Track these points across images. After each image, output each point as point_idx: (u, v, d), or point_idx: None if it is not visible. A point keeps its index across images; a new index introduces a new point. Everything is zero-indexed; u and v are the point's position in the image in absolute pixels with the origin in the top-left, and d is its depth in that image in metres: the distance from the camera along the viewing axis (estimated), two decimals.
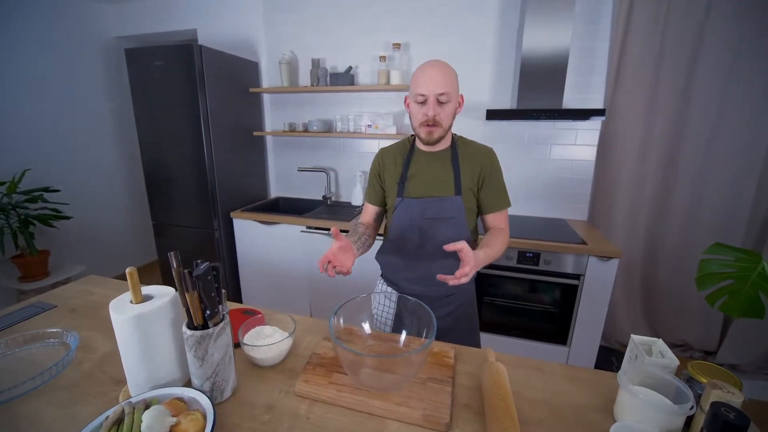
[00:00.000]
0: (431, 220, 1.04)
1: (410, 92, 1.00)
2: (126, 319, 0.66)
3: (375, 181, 1.14)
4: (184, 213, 2.28)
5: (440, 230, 1.04)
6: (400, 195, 1.07)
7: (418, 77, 0.96)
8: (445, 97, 0.94)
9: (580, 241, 1.80)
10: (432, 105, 0.95)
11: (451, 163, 1.05)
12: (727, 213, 2.00)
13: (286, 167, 2.73)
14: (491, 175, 1.06)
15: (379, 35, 2.25)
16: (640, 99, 1.96)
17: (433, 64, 0.96)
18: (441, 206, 1.03)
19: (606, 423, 0.68)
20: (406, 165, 1.08)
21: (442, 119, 0.97)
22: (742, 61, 1.79)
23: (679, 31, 1.83)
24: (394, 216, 1.08)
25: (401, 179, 1.07)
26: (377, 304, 1.11)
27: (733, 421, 0.53)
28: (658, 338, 0.78)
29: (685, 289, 2.14)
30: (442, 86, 0.93)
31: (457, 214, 1.04)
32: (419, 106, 0.97)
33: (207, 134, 2.08)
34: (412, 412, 0.68)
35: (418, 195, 1.05)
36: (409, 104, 1.02)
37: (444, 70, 0.95)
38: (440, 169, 1.05)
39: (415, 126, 1.01)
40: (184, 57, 1.95)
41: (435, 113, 0.95)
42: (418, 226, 1.05)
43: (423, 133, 1.00)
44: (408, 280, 1.11)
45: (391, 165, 1.10)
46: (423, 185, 1.06)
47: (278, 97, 2.57)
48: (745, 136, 1.88)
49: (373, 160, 1.16)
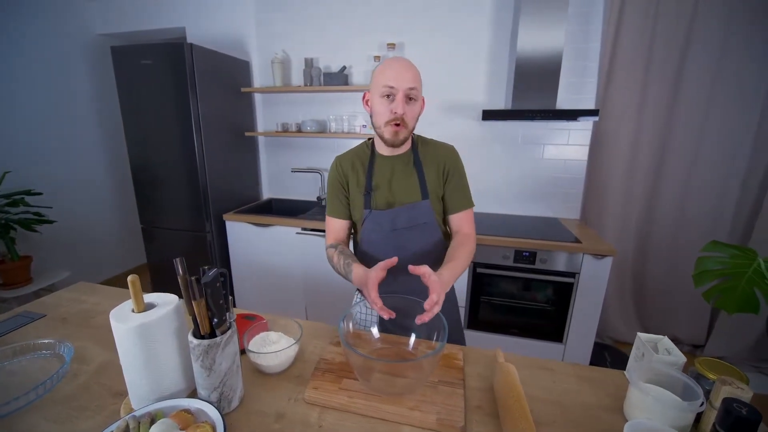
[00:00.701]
0: (404, 229, 0.98)
1: (374, 86, 0.91)
2: (128, 329, 0.63)
3: (339, 194, 1.03)
4: (175, 216, 2.22)
5: (413, 238, 0.99)
6: (367, 207, 0.99)
7: (385, 69, 0.89)
8: (414, 93, 0.88)
9: (575, 240, 1.83)
10: (401, 101, 0.87)
11: (413, 166, 0.99)
12: (713, 211, 2.06)
13: (279, 168, 2.69)
14: (453, 174, 1.00)
15: (373, 35, 2.24)
16: (630, 100, 2.00)
17: (400, 59, 0.90)
18: (411, 214, 0.98)
19: (617, 422, 0.69)
20: (369, 173, 1.00)
21: (409, 119, 0.91)
22: (727, 63, 1.85)
23: (668, 33, 1.88)
24: (363, 229, 1.01)
25: (366, 190, 0.99)
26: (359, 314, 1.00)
27: (745, 416, 0.54)
28: (663, 336, 0.79)
29: (673, 285, 2.20)
30: (412, 81, 0.87)
31: (428, 219, 0.99)
32: (386, 102, 0.89)
33: (198, 135, 2.03)
34: (426, 417, 0.67)
35: (386, 205, 0.99)
36: (372, 101, 0.93)
37: (412, 67, 0.89)
38: (404, 174, 0.99)
39: (380, 125, 0.92)
40: (174, 56, 1.89)
41: (403, 111, 0.88)
42: (390, 237, 0.98)
43: (388, 133, 0.92)
44: (387, 293, 1.01)
45: (352, 174, 1.01)
46: (389, 194, 0.99)
47: (270, 96, 2.53)
48: (731, 137, 1.94)
49: (331, 169, 1.05)
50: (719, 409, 0.58)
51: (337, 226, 1.04)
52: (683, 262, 2.15)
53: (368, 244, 1.02)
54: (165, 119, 2.03)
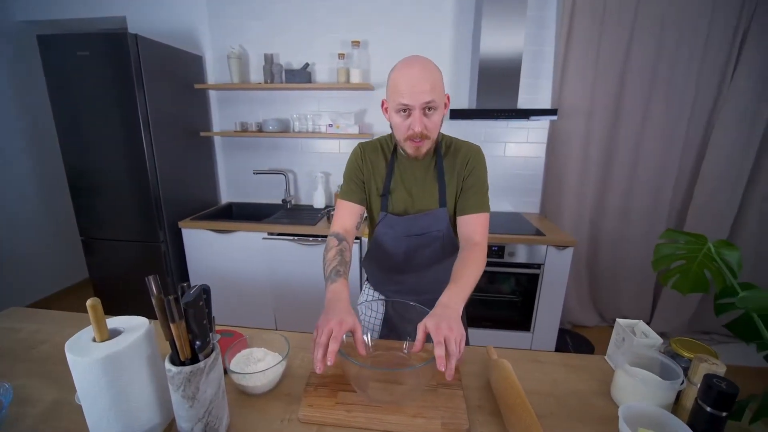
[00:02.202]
0: (415, 236, 0.97)
1: (389, 97, 0.85)
2: (91, 363, 0.54)
3: (357, 179, 0.98)
4: (122, 225, 2.00)
5: (426, 244, 0.98)
6: (383, 209, 0.97)
7: (398, 82, 0.81)
8: (433, 104, 0.81)
9: (539, 233, 1.93)
10: (419, 119, 0.81)
11: (435, 170, 0.95)
12: (652, 203, 2.27)
13: (238, 170, 2.53)
14: (473, 173, 0.94)
15: (336, 32, 2.18)
16: (581, 100, 2.14)
17: (415, 64, 0.81)
18: (425, 222, 0.96)
19: (608, 406, 0.72)
20: (389, 173, 0.97)
21: (430, 131, 0.84)
22: (662, 70, 2.05)
23: (612, 39, 2.03)
24: (377, 229, 1.00)
25: (384, 191, 0.96)
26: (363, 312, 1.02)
27: (725, 390, 0.59)
28: (639, 320, 0.85)
29: (621, 271, 2.41)
30: (429, 93, 0.79)
31: (443, 227, 0.96)
32: (402, 118, 0.83)
33: (147, 135, 1.84)
34: (430, 423, 0.65)
35: (401, 210, 0.97)
36: (389, 112, 0.87)
37: (429, 73, 0.80)
38: (424, 179, 0.95)
39: (399, 139, 0.88)
40: (117, 47, 1.70)
41: (422, 127, 0.82)
42: (402, 242, 0.98)
43: (410, 149, 0.87)
44: (395, 292, 1.06)
45: (374, 169, 0.98)
46: (405, 199, 0.96)
47: (227, 94, 2.37)
48: (665, 135, 2.15)
49: (352, 155, 1.00)
50: (701, 385, 0.62)
51: (348, 210, 0.96)
52: (629, 249, 2.36)
53: (380, 246, 1.01)
54: (107, 118, 1.81)
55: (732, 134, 2.05)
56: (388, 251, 1.00)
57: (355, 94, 2.27)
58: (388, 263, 1.02)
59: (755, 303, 0.74)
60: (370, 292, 1.13)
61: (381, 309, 1.03)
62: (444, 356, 0.61)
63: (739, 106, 2.01)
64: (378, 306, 1.03)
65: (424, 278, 1.01)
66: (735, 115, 2.02)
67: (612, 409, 0.71)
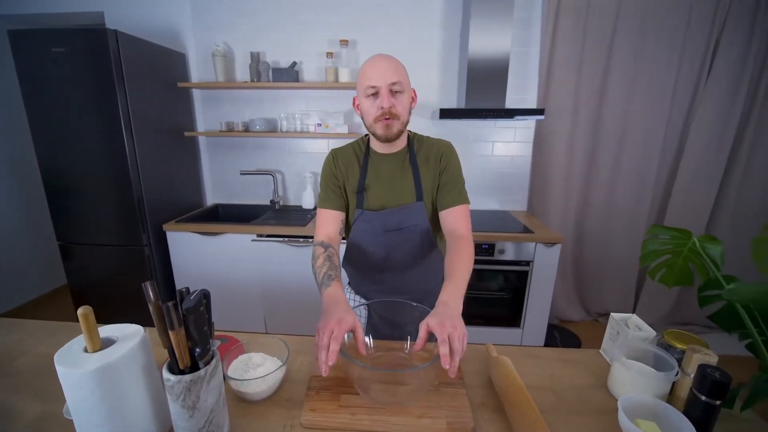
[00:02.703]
0: (392, 231, 0.97)
1: (359, 89, 0.91)
2: (84, 374, 0.51)
3: (333, 185, 0.99)
4: (103, 229, 1.92)
5: (405, 240, 0.98)
6: (359, 206, 0.97)
7: (365, 70, 0.88)
8: (398, 86, 0.86)
9: (528, 230, 1.96)
10: (386, 96, 0.86)
11: (410, 165, 0.98)
12: (633, 200, 2.35)
13: (224, 171, 2.47)
14: (448, 168, 0.97)
15: (324, 31, 2.16)
16: (566, 99, 2.19)
17: (380, 56, 0.90)
18: (403, 216, 0.96)
19: (606, 399, 0.74)
20: (363, 171, 0.98)
21: (399, 111, 0.88)
22: (641, 72, 2.12)
23: (595, 39, 2.09)
24: (354, 229, 0.99)
25: (359, 189, 0.97)
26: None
27: (719, 379, 0.61)
28: (632, 313, 0.87)
29: (605, 266, 2.48)
30: (393, 75, 0.86)
31: (421, 221, 0.97)
32: (371, 100, 0.88)
33: (129, 136, 1.77)
34: (436, 423, 0.65)
35: (378, 206, 0.97)
36: (360, 102, 0.92)
37: (393, 61, 0.89)
38: (399, 174, 0.98)
39: (370, 123, 0.91)
40: (95, 44, 1.62)
41: (390, 104, 0.86)
42: (381, 238, 0.97)
43: (380, 128, 0.89)
44: (376, 291, 1.06)
45: (348, 170, 0.99)
46: (382, 195, 0.97)
47: (212, 93, 2.31)
48: (646, 134, 2.22)
49: (326, 162, 1.02)
50: (695, 375, 0.65)
51: (329, 218, 0.97)
52: (613, 245, 2.43)
53: (358, 245, 0.99)
54: (85, 117, 1.74)
55: (707, 133, 2.14)
56: (368, 250, 0.99)
57: (343, 94, 2.25)
58: (367, 263, 1.01)
59: (741, 294, 0.77)
60: (351, 295, 1.11)
61: (364, 313, 1.01)
62: (448, 354, 0.62)
63: (713, 107, 2.10)
64: (361, 310, 1.00)
65: (404, 276, 1.01)
66: (710, 115, 2.11)
67: (610, 402, 0.73)
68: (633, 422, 0.62)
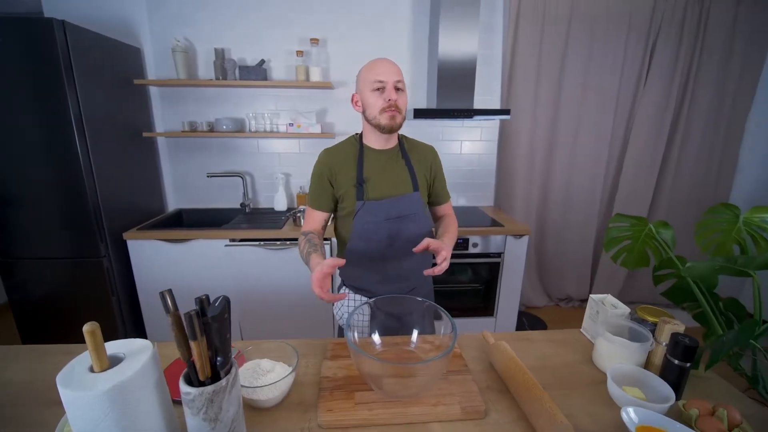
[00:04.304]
0: (396, 219, 1.04)
1: (363, 83, 0.99)
2: (97, 396, 0.48)
3: (324, 186, 1.05)
4: (51, 241, 1.73)
5: (405, 227, 1.05)
6: (360, 198, 1.02)
7: (374, 67, 0.98)
8: (401, 84, 0.98)
9: (498, 224, 2.07)
10: (392, 90, 0.96)
11: (402, 159, 1.08)
12: (587, 192, 2.57)
13: (187, 174, 2.33)
14: (438, 172, 1.15)
15: (293, 28, 2.11)
16: (526, 100, 2.34)
17: (384, 59, 1.00)
18: (403, 204, 1.04)
19: (593, 371, 0.82)
20: (360, 165, 1.04)
21: (401, 106, 0.99)
22: (591, 74, 2.32)
23: (551, 47, 2.25)
24: (356, 219, 1.03)
25: (358, 181, 1.02)
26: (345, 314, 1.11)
27: (689, 344, 0.70)
28: (607, 294, 0.97)
29: (564, 255, 2.68)
30: (397, 74, 0.97)
31: (418, 209, 1.07)
32: (377, 94, 0.97)
33: (82, 137, 1.61)
34: (450, 409, 0.68)
35: (379, 196, 1.03)
36: (362, 97, 1.00)
37: (396, 65, 0.99)
38: (395, 168, 1.06)
39: (375, 115, 0.98)
40: (40, 35, 1.46)
41: (396, 97, 0.97)
42: (384, 226, 1.03)
43: (385, 119, 0.97)
44: (378, 282, 1.09)
45: (341, 168, 1.04)
46: (382, 185, 1.04)
47: (172, 91, 2.16)
48: (596, 132, 2.44)
49: (317, 163, 1.07)
50: (669, 342, 0.74)
51: (317, 217, 1.07)
52: (570, 235, 2.64)
53: (361, 235, 1.04)
54: (30, 117, 1.55)
55: (647, 129, 2.41)
56: (372, 238, 1.04)
57: (315, 93, 2.22)
58: (371, 253, 1.06)
59: (697, 271, 0.89)
60: (351, 294, 1.13)
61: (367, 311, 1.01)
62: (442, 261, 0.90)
63: (651, 107, 2.36)
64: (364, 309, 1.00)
65: (405, 263, 1.08)
66: (649, 112, 2.37)
67: (597, 374, 0.81)
68: (621, 389, 0.70)
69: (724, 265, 0.88)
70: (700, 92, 2.36)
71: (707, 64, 2.31)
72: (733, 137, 2.48)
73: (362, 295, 1.12)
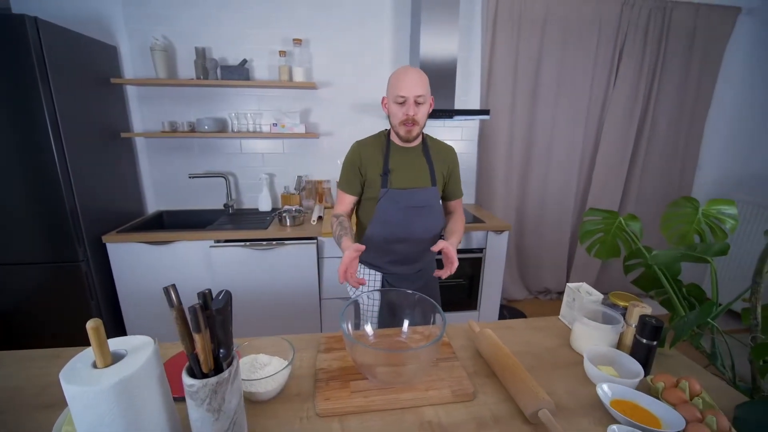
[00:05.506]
0: (414, 208, 1.16)
1: (389, 94, 1.11)
2: (102, 391, 0.49)
3: (355, 172, 1.19)
4: (28, 246, 1.66)
5: (421, 216, 1.18)
6: (384, 186, 1.15)
7: (398, 81, 1.07)
8: (421, 99, 1.07)
9: (479, 221, 2.14)
10: (411, 105, 1.06)
11: (423, 156, 1.20)
12: (562, 188, 2.69)
13: (168, 175, 2.28)
14: (454, 170, 1.27)
15: (276, 28, 2.11)
16: (504, 101, 2.43)
17: (410, 69, 1.09)
18: (422, 196, 1.18)
19: (571, 354, 0.89)
20: (386, 158, 1.17)
21: (419, 119, 1.10)
22: (565, 76, 2.43)
23: (527, 49, 2.35)
24: (379, 205, 1.17)
25: (384, 171, 1.16)
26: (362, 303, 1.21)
27: (656, 324, 0.77)
28: (582, 282, 1.04)
29: (541, 249, 2.80)
30: (419, 88, 1.06)
31: (435, 202, 1.21)
32: (399, 107, 1.08)
33: (58, 138, 1.56)
34: (441, 393, 0.73)
35: (402, 186, 1.17)
36: (388, 104, 1.14)
37: (420, 75, 1.08)
38: (416, 163, 1.19)
39: (395, 124, 1.12)
40: (10, 32, 1.40)
41: (414, 113, 1.07)
42: (402, 213, 1.16)
43: (402, 131, 1.11)
44: (391, 262, 1.24)
45: (370, 158, 1.17)
46: (405, 177, 1.17)
47: (151, 91, 2.11)
48: (570, 131, 2.56)
49: (350, 152, 1.20)
50: (638, 323, 0.81)
51: (347, 200, 1.21)
52: (546, 230, 2.76)
53: (382, 219, 1.17)
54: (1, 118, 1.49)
55: (616, 129, 2.54)
56: (390, 222, 1.17)
57: (298, 93, 2.23)
58: (388, 235, 1.19)
59: (661, 259, 0.97)
60: (362, 269, 1.28)
61: (377, 296, 1.17)
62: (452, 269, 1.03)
63: (620, 106, 2.50)
64: (375, 294, 1.18)
65: (417, 247, 1.22)
66: (618, 112, 2.51)
67: (574, 356, 0.88)
68: (596, 368, 0.76)
69: (685, 252, 0.96)
70: (663, 94, 2.52)
71: (670, 68, 2.47)
72: (694, 136, 2.66)
73: (375, 270, 1.27)
